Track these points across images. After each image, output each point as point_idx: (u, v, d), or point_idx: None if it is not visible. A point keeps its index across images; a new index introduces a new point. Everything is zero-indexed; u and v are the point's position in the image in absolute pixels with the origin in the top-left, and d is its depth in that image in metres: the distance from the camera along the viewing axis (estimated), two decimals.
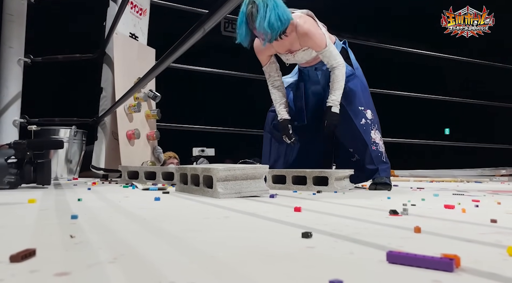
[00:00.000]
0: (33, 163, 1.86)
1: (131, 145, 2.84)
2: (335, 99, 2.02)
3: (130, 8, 3.06)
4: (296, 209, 1.00)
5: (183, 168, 1.72)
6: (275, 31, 1.89)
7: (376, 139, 2.10)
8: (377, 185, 2.05)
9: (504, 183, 3.80)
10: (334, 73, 2.02)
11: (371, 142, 2.09)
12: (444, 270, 0.43)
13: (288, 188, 1.96)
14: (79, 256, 0.50)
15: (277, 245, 0.58)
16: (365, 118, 2.10)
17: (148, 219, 0.86)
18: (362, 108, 2.11)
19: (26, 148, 1.83)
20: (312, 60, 2.16)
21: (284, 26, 1.91)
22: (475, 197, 1.56)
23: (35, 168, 1.86)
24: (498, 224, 0.81)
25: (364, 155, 2.10)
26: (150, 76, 1.72)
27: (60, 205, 1.13)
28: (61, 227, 0.72)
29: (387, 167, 2.11)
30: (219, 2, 0.91)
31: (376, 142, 2.10)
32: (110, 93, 2.85)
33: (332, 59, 2.02)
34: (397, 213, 0.95)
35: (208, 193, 1.48)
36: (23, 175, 1.82)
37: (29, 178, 1.84)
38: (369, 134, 2.09)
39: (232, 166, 1.48)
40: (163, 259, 0.49)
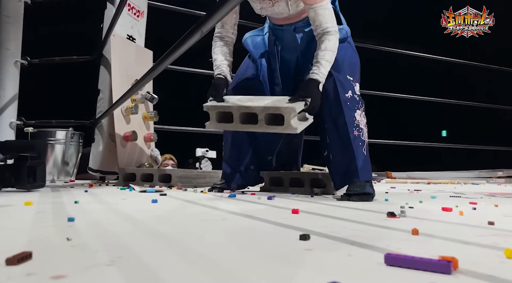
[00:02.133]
0: (10, 166, 1.77)
1: (129, 147, 2.83)
2: (324, 73, 1.50)
3: (128, 10, 3.06)
4: (294, 211, 1.00)
5: (226, 106, 1.48)
6: None
7: (361, 123, 1.60)
8: (352, 196, 1.49)
9: (501, 185, 3.82)
10: (327, 39, 1.52)
11: (354, 125, 1.57)
12: (442, 272, 0.43)
13: (285, 190, 1.96)
14: (76, 258, 0.49)
15: (275, 247, 0.58)
16: (352, 92, 1.61)
17: (145, 221, 0.85)
18: (351, 79, 1.63)
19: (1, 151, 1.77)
20: (294, 16, 1.68)
21: None
22: (473, 199, 1.56)
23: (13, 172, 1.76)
24: (496, 226, 0.81)
25: (340, 140, 1.59)
26: (147, 78, 1.72)
27: (56, 207, 1.12)
28: (58, 230, 0.72)
29: (367, 165, 1.58)
30: (217, 4, 0.91)
31: (360, 127, 1.59)
32: (107, 95, 2.85)
33: (327, 20, 1.53)
34: (394, 215, 0.95)
35: (277, 129, 1.40)
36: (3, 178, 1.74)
37: (8, 182, 1.76)
38: (353, 113, 1.59)
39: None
40: (160, 261, 0.48)
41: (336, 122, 1.60)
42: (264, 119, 1.40)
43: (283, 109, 1.37)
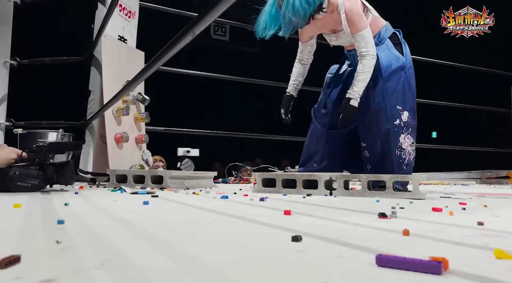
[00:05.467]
0: (55, 165, 1.92)
1: (120, 148, 2.81)
2: (357, 91, 1.89)
3: (119, 10, 3.04)
4: (286, 212, 1.00)
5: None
6: (301, 16, 1.84)
7: (403, 144, 1.97)
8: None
9: (490, 186, 3.86)
10: (361, 62, 1.90)
11: (397, 146, 1.97)
12: (433, 273, 0.43)
13: (278, 192, 1.96)
14: (65, 262, 0.49)
15: (267, 249, 0.58)
16: (400, 120, 1.97)
17: (136, 223, 0.85)
18: (400, 108, 1.97)
19: (47, 151, 1.89)
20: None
21: (311, 8, 1.85)
22: (462, 200, 1.57)
23: (57, 170, 1.91)
24: (485, 226, 0.82)
25: (382, 158, 1.99)
26: (139, 79, 1.71)
27: (46, 209, 1.11)
28: (47, 233, 0.71)
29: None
30: (209, 5, 0.91)
31: (402, 147, 1.97)
32: (98, 96, 2.83)
33: (363, 45, 1.90)
34: (386, 216, 0.95)
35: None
36: (46, 177, 1.87)
37: (52, 179, 1.90)
38: (398, 137, 1.96)
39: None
40: (151, 264, 0.48)
41: (383, 143, 1.98)
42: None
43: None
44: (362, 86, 1.90)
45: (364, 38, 1.90)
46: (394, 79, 1.97)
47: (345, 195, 1.82)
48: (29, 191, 1.80)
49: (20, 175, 1.78)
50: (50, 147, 1.92)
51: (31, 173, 1.82)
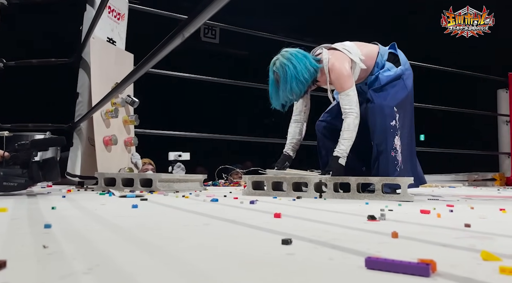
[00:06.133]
0: (39, 162, 1.89)
1: (108, 151, 2.79)
2: (344, 149, 1.97)
3: (108, 12, 3.02)
4: (276, 215, 1.00)
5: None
6: (298, 94, 2.03)
7: (397, 146, 2.04)
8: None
9: (477, 188, 3.92)
10: (345, 121, 1.99)
11: (392, 147, 2.03)
12: (421, 275, 0.44)
13: (268, 194, 1.96)
14: (52, 267, 0.48)
15: (257, 252, 0.58)
16: (395, 121, 2.03)
17: (125, 227, 0.84)
18: (396, 110, 2.05)
19: (30, 148, 1.85)
20: (358, 79, 2.13)
21: (307, 83, 2.03)
22: (450, 202, 1.60)
23: (42, 167, 1.88)
24: (472, 228, 0.83)
25: (379, 160, 2.05)
26: (128, 82, 1.69)
27: (33, 213, 1.09)
28: (34, 237, 0.69)
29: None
30: (199, 8, 0.91)
31: (396, 149, 2.04)
32: (87, 98, 2.80)
33: (347, 103, 1.99)
34: (375, 218, 0.96)
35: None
36: (32, 175, 1.84)
37: (38, 177, 1.87)
38: (393, 138, 2.03)
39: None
40: (140, 268, 0.48)
41: (380, 145, 2.03)
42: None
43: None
44: (348, 144, 1.98)
45: (348, 96, 2.00)
46: (395, 86, 2.08)
47: (334, 197, 1.83)
48: (16, 190, 1.78)
49: (5, 175, 1.75)
50: (33, 145, 1.89)
51: (16, 172, 1.79)
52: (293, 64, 1.98)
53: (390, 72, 2.10)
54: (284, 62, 2.00)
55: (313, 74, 2.03)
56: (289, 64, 1.98)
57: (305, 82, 2.00)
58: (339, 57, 2.06)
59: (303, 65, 1.99)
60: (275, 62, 2.04)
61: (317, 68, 2.04)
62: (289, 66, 1.98)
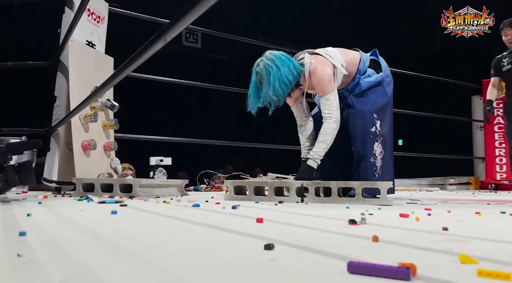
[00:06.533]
0: (14, 166, 1.84)
1: (87, 156, 2.73)
2: (317, 152, 1.99)
3: (87, 15, 2.97)
4: (258, 220, 1.00)
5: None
6: (281, 95, 2.00)
7: (376, 152, 2.06)
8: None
9: (453, 191, 4.02)
10: (324, 125, 2.02)
11: (372, 153, 2.05)
12: (402, 279, 0.44)
13: (250, 199, 1.96)
14: (27, 276, 0.46)
15: (239, 258, 0.57)
16: (375, 127, 2.06)
17: (103, 234, 0.82)
18: (376, 116, 2.08)
19: (5, 152, 1.81)
20: (340, 85, 2.15)
21: (291, 85, 2.02)
22: (427, 206, 1.63)
23: (18, 171, 1.83)
24: (450, 232, 0.85)
25: (358, 165, 2.06)
26: (107, 86, 1.67)
27: (6, 220, 1.06)
28: (8, 245, 0.67)
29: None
30: (181, 12, 0.90)
31: (375, 155, 2.06)
32: (65, 102, 2.73)
33: (327, 107, 2.02)
34: (355, 223, 0.97)
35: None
36: (7, 179, 1.79)
37: (13, 181, 1.81)
38: (372, 144, 2.05)
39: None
40: (118, 276, 0.46)
41: (360, 150, 2.05)
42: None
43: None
44: (323, 148, 2.00)
45: (328, 101, 2.03)
46: (375, 92, 2.11)
47: (316, 202, 1.84)
48: None
49: None
50: (8, 148, 1.83)
51: None
52: (277, 66, 1.98)
53: (370, 78, 2.14)
54: (268, 63, 2.00)
55: (296, 77, 2.04)
56: (273, 65, 1.99)
57: (289, 84, 2.01)
58: (321, 62, 2.08)
59: (287, 67, 2.00)
60: (259, 64, 2.05)
61: (300, 72, 2.06)
62: (273, 67, 1.98)
